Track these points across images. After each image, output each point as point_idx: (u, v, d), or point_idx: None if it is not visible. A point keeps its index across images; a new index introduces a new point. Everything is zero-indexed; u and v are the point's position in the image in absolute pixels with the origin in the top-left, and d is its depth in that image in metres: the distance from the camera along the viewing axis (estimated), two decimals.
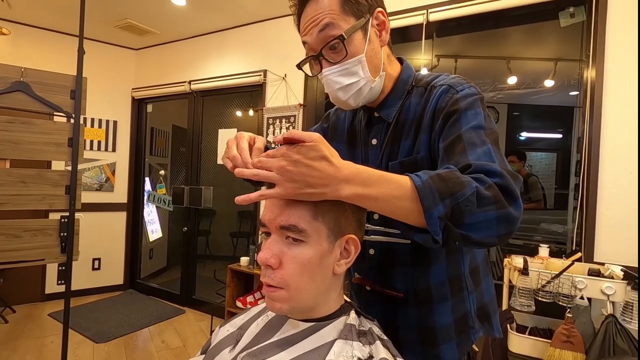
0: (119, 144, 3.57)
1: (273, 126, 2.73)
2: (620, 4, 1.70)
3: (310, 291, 0.54)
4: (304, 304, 0.55)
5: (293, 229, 0.53)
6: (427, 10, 2.14)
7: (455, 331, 0.73)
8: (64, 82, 1.77)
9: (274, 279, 0.53)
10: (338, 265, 0.56)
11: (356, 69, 0.67)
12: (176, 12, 2.81)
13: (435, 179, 0.50)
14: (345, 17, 0.64)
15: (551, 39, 2.93)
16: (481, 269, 0.79)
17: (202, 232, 4.41)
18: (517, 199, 0.52)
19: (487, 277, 0.81)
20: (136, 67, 3.65)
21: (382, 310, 0.76)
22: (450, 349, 0.73)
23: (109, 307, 3.19)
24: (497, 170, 0.53)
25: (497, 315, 0.81)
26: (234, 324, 0.70)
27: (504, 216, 0.51)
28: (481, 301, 0.77)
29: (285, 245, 0.54)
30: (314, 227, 0.53)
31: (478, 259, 0.78)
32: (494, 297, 0.82)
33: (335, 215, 0.55)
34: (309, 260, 0.53)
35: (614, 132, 1.70)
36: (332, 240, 0.55)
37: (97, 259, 3.51)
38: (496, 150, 0.58)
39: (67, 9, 2.78)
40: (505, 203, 0.51)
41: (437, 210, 0.49)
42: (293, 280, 0.53)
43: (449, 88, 0.67)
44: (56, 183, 1.74)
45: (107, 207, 3.52)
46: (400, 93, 0.73)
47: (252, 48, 2.92)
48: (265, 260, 0.53)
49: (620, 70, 1.69)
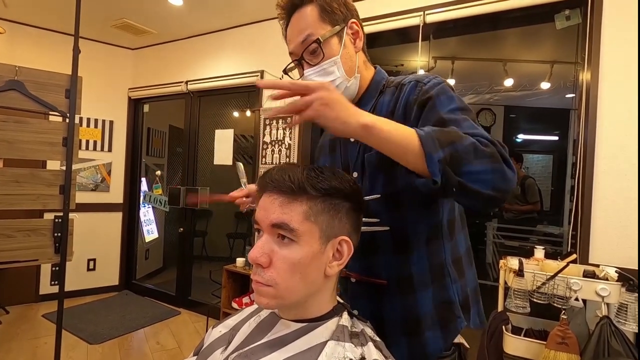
0: (115, 144, 3.55)
1: (270, 127, 2.73)
2: (616, 7, 1.71)
3: (300, 291, 0.54)
4: (292, 302, 0.55)
5: (284, 227, 0.53)
6: (424, 12, 2.14)
7: (439, 319, 0.75)
8: (59, 81, 1.76)
9: (263, 277, 0.53)
10: (330, 267, 0.56)
11: (332, 69, 0.75)
12: (173, 12, 2.80)
13: (437, 131, 0.57)
14: (323, 25, 0.75)
15: (547, 41, 2.95)
16: (464, 260, 0.81)
17: (198, 232, 4.39)
18: (510, 163, 0.57)
19: (471, 268, 0.84)
20: (133, 67, 3.64)
21: (368, 301, 0.78)
22: (435, 338, 0.74)
23: (103, 308, 3.17)
24: (489, 137, 0.58)
25: (477, 306, 0.83)
26: (227, 324, 0.69)
27: (500, 171, 0.55)
28: (465, 292, 0.79)
29: (277, 244, 0.54)
30: (305, 228, 0.53)
31: (461, 249, 0.81)
32: (476, 287, 0.84)
33: (329, 217, 0.55)
34: (299, 260, 0.53)
35: (609, 134, 1.70)
36: (324, 242, 0.54)
37: (92, 260, 3.49)
38: (479, 125, 0.63)
39: (63, 8, 2.77)
40: (501, 160, 0.56)
41: (437, 155, 0.53)
42: (282, 280, 0.53)
43: (416, 83, 0.73)
44: (50, 183, 1.72)
45: (103, 207, 3.50)
46: (374, 92, 0.81)
47: (248, 48, 2.91)
48: (255, 259, 0.53)
49: (615, 73, 1.70)
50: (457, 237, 0.80)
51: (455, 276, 0.77)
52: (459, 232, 0.81)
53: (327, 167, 0.59)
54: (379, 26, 2.30)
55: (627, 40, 1.68)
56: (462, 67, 3.30)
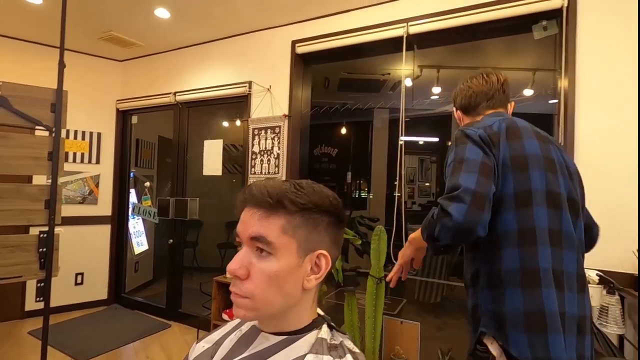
0: (103, 156, 3.53)
1: (259, 137, 2.74)
2: (589, 19, 1.78)
3: (277, 303, 0.55)
4: (269, 314, 0.56)
5: (262, 240, 0.54)
6: (407, 23, 2.19)
7: (472, 315, 0.94)
8: (44, 96, 1.75)
9: (241, 289, 0.54)
10: (307, 281, 0.57)
11: None
12: (161, 25, 2.81)
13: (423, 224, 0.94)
14: None
15: (530, 49, 3.03)
16: (506, 277, 0.87)
17: (189, 243, 4.36)
18: (448, 213, 0.82)
19: (516, 289, 0.85)
20: (121, 79, 3.63)
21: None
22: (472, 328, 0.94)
23: (92, 323, 3.11)
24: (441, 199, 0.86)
25: (517, 332, 0.83)
26: (210, 339, 0.70)
27: (442, 226, 0.83)
28: (499, 306, 0.87)
29: (255, 257, 0.55)
30: (283, 241, 0.54)
31: (504, 265, 0.88)
32: (519, 312, 0.83)
33: (307, 231, 0.56)
34: (276, 273, 0.54)
35: (586, 140, 1.76)
36: (302, 255, 0.55)
37: (80, 274, 3.43)
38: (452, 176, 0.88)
39: (48, 20, 2.76)
40: (441, 218, 0.83)
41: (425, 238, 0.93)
42: (259, 292, 0.54)
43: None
44: (35, 197, 1.71)
45: (91, 220, 3.46)
46: None
47: (237, 60, 2.94)
48: (234, 271, 0.54)
49: (591, 80, 1.76)
50: (503, 252, 0.88)
51: (485, 284, 0.90)
52: (507, 249, 0.87)
53: (309, 182, 0.60)
54: (365, 37, 2.35)
55: (601, 50, 1.75)
56: (447, 75, 3.36)
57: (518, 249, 0.86)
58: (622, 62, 1.70)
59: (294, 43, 2.63)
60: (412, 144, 5.40)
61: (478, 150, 0.90)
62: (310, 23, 2.60)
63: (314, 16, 2.56)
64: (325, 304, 2.58)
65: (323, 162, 5.45)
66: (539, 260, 0.85)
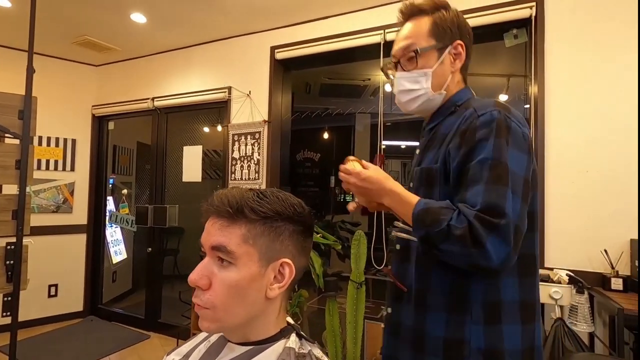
0: (78, 163, 3.42)
1: (239, 142, 2.72)
2: (557, 28, 1.85)
3: (239, 314, 0.55)
4: (233, 324, 0.55)
5: (222, 249, 0.53)
6: (384, 30, 2.23)
7: (444, 350, 0.72)
8: (12, 102, 1.69)
9: (202, 300, 0.54)
10: (271, 289, 0.56)
11: (421, 79, 0.82)
12: (137, 29, 2.77)
13: (426, 211, 0.70)
14: (429, 38, 0.81)
15: (504, 56, 3.12)
16: (507, 311, 0.71)
17: (169, 251, 4.26)
18: (485, 249, 0.62)
19: (517, 325, 0.72)
20: (97, 84, 3.55)
21: (392, 302, 0.86)
22: None
23: (66, 337, 3.00)
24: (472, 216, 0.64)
25: None
26: (180, 352, 0.68)
27: (466, 255, 0.64)
28: (495, 344, 0.70)
29: (217, 266, 0.55)
30: (243, 250, 0.54)
31: (505, 296, 0.72)
32: (519, 352, 0.71)
33: (269, 240, 0.55)
34: (236, 282, 0.53)
35: (557, 143, 1.82)
36: (264, 264, 0.55)
37: (54, 285, 3.31)
38: (491, 186, 0.66)
39: (19, 24, 2.67)
40: (471, 244, 0.63)
41: (418, 233, 0.72)
42: (220, 302, 0.53)
43: (473, 111, 0.75)
44: (2, 208, 1.64)
45: (65, 229, 3.34)
46: (445, 111, 0.85)
47: (216, 65, 2.92)
48: (195, 281, 0.54)
49: (559, 86, 1.83)
50: (503, 281, 0.72)
51: (479, 318, 0.71)
52: (509, 278, 0.72)
53: (273, 191, 0.60)
54: (343, 44, 2.37)
55: (569, 57, 1.82)
56: None
57: (520, 278, 0.73)
58: (590, 69, 1.77)
59: (273, 49, 2.63)
60: (394, 148, 5.46)
61: (524, 158, 0.71)
62: (289, 29, 2.61)
63: (293, 22, 2.58)
64: (308, 310, 2.56)
65: (306, 167, 5.45)
66: (536, 292, 0.76)
